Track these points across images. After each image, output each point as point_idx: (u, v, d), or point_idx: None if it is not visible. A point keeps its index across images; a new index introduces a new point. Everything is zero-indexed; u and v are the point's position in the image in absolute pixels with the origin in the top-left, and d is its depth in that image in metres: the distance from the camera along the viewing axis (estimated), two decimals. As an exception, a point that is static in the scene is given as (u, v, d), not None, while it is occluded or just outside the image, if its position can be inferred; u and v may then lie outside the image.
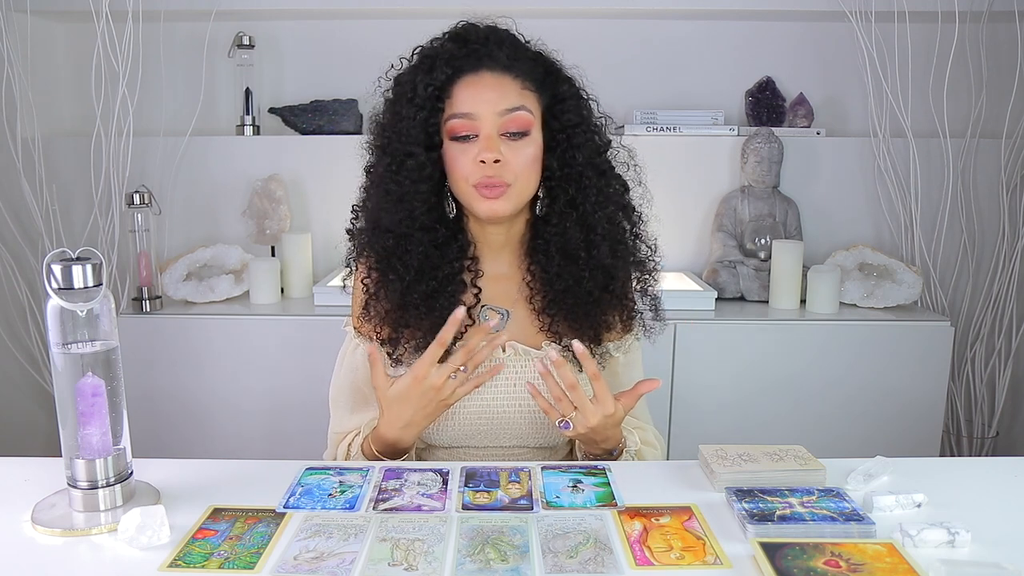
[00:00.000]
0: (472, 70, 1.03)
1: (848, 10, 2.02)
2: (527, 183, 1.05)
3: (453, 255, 1.07)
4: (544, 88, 1.06)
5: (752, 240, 2.05)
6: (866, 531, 0.80)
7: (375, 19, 2.16)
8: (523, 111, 1.02)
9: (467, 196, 1.04)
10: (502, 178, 1.01)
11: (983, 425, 2.18)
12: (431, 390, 1.00)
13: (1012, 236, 2.11)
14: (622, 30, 2.19)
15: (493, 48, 1.03)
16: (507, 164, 1.01)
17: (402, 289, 1.05)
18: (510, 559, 0.75)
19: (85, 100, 2.08)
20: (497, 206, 1.03)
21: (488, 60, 1.02)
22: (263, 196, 2.08)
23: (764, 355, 1.85)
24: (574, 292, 1.07)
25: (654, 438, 1.17)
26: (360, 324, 1.13)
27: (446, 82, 1.02)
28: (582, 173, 1.06)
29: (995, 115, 2.08)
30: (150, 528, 0.78)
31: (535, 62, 1.06)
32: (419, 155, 1.02)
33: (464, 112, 1.01)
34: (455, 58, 1.02)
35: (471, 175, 1.02)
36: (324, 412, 1.20)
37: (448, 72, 1.02)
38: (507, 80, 1.02)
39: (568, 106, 1.06)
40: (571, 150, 1.06)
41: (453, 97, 1.02)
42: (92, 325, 0.82)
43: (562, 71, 1.09)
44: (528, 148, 1.03)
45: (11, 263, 2.10)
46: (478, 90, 1.02)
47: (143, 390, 1.85)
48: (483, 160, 1.00)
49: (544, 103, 1.06)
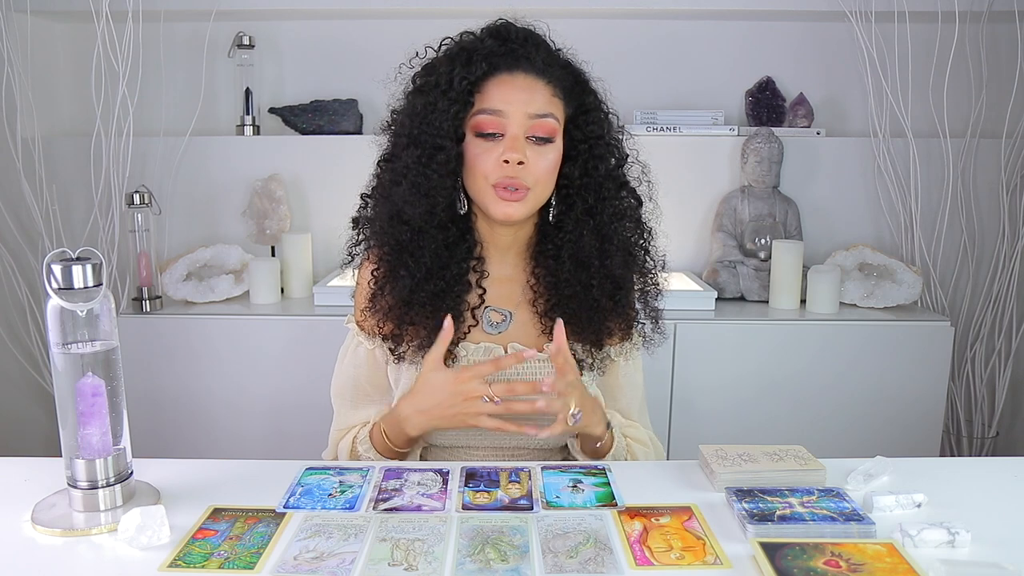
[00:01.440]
0: (508, 69, 1.02)
1: (848, 10, 2.02)
2: (544, 189, 1.05)
3: (461, 255, 1.08)
4: (571, 98, 1.06)
5: (752, 240, 2.05)
6: (866, 531, 0.80)
7: (375, 19, 2.16)
8: (551, 118, 1.02)
9: (483, 195, 1.03)
10: (523, 181, 1.01)
11: (983, 425, 2.18)
12: (461, 395, 0.99)
13: (1012, 236, 2.11)
14: (622, 30, 2.19)
15: (531, 50, 1.03)
16: (529, 168, 1.01)
17: (412, 286, 1.05)
18: (510, 559, 0.75)
19: (85, 100, 2.08)
20: (512, 210, 1.02)
21: (525, 62, 1.02)
22: (263, 196, 2.08)
23: (764, 355, 1.85)
24: (580, 298, 1.07)
25: (648, 438, 1.17)
26: (363, 319, 1.13)
27: (481, 77, 1.02)
28: (602, 184, 1.06)
29: (995, 115, 2.08)
30: (150, 528, 0.78)
31: (566, 71, 1.06)
32: (450, 149, 1.01)
33: (495, 109, 1.01)
34: (493, 55, 1.02)
35: (492, 174, 1.01)
36: (324, 412, 1.20)
37: (485, 68, 1.01)
38: (540, 85, 1.02)
39: (592, 118, 1.06)
40: (593, 160, 1.06)
41: (484, 93, 1.02)
42: (92, 325, 0.82)
43: (589, 82, 1.09)
44: (550, 155, 1.03)
45: (11, 263, 2.10)
46: (511, 90, 1.01)
47: (143, 390, 1.85)
48: (507, 160, 1.00)
49: (569, 113, 1.06)
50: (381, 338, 1.10)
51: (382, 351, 1.12)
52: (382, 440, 1.07)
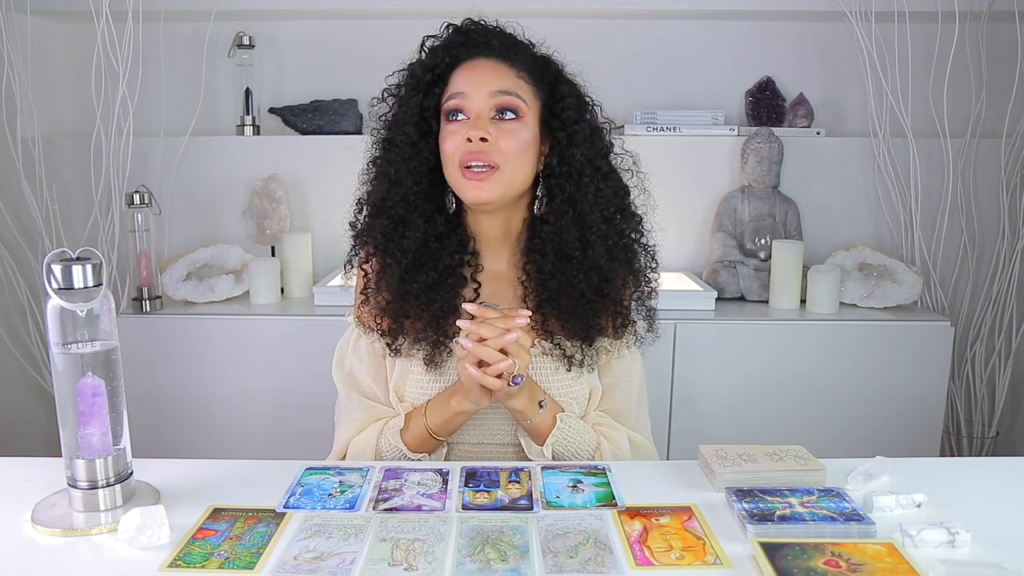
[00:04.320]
0: (469, 57, 1.06)
1: (848, 10, 2.02)
2: (516, 169, 1.05)
3: (453, 247, 1.09)
4: (542, 83, 1.08)
5: (752, 240, 2.05)
6: (866, 531, 0.80)
7: (375, 19, 2.16)
8: (514, 96, 1.04)
9: (456, 181, 1.05)
10: (490, 157, 1.02)
11: (983, 425, 2.18)
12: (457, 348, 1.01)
13: (1012, 236, 2.11)
14: (622, 30, 2.19)
15: (491, 38, 1.07)
16: (495, 145, 1.03)
17: (400, 274, 1.06)
18: (510, 559, 0.75)
19: (85, 100, 2.08)
20: (482, 191, 1.03)
21: (485, 48, 1.06)
22: (263, 196, 2.08)
23: (764, 355, 1.85)
24: (567, 292, 1.07)
25: (625, 438, 1.14)
26: (361, 314, 1.13)
27: (446, 69, 1.06)
28: (581, 172, 1.06)
29: (995, 115, 2.08)
30: (150, 528, 0.78)
31: (534, 58, 1.09)
32: (411, 135, 1.06)
33: (458, 91, 1.05)
34: (454, 46, 1.07)
35: (457, 152, 1.03)
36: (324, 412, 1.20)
37: (447, 60, 1.06)
38: (502, 67, 1.05)
39: (568, 104, 1.07)
40: (570, 148, 1.06)
41: (450, 82, 1.06)
42: (92, 325, 0.82)
43: (563, 72, 1.11)
44: (520, 132, 1.04)
45: (11, 263, 2.10)
46: (473, 72, 1.05)
47: (143, 390, 1.85)
48: (469, 138, 1.02)
49: (542, 98, 1.08)
50: (379, 333, 1.10)
51: (381, 344, 1.12)
52: (421, 428, 1.07)
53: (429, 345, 1.07)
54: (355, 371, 1.15)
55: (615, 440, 1.12)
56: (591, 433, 1.11)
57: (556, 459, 1.08)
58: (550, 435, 1.06)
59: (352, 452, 1.12)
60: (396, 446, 1.08)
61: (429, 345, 1.07)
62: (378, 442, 1.10)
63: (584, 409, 1.14)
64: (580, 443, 1.08)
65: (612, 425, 1.14)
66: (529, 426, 1.07)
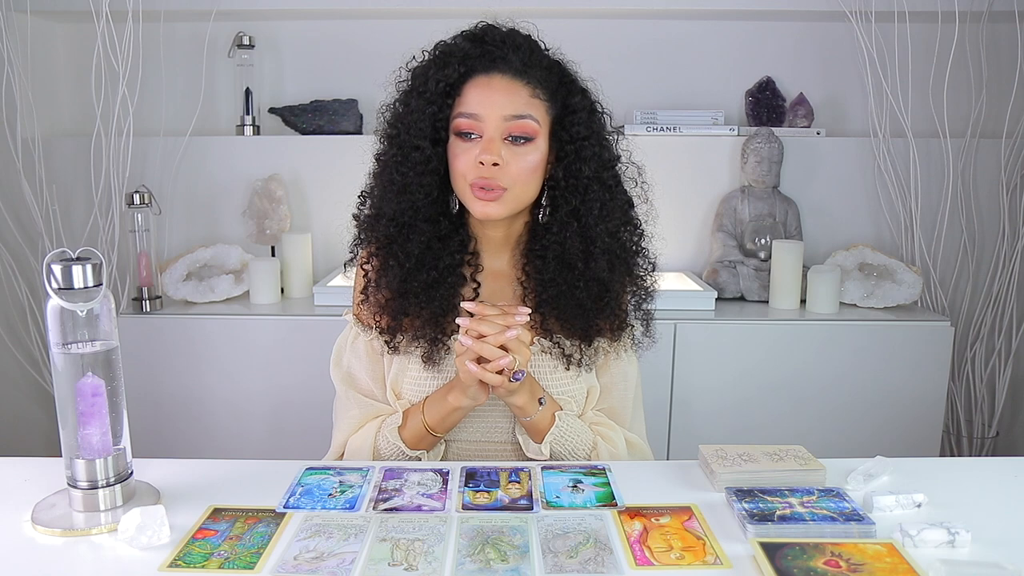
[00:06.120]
0: (484, 71, 1.03)
1: (848, 10, 2.02)
2: (524, 189, 1.05)
3: (454, 247, 1.09)
4: (555, 98, 1.06)
5: (752, 240, 2.05)
6: (866, 531, 0.80)
7: (375, 19, 2.16)
8: (529, 119, 1.02)
9: (464, 194, 1.05)
10: (498, 181, 1.02)
11: (983, 425, 2.18)
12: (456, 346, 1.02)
13: (1012, 236, 2.11)
14: (622, 30, 2.19)
15: (508, 52, 1.03)
16: (506, 168, 1.02)
17: (402, 276, 1.06)
18: (510, 559, 0.75)
19: (85, 100, 2.08)
20: (490, 209, 1.04)
21: (501, 63, 1.03)
22: (263, 196, 2.08)
23: (764, 355, 1.85)
24: (566, 298, 1.08)
25: (622, 438, 1.14)
26: (360, 311, 1.14)
27: (458, 80, 1.03)
28: (587, 186, 1.06)
29: (995, 115, 2.08)
30: (150, 528, 0.78)
31: (550, 71, 1.06)
32: (425, 149, 1.04)
33: (470, 112, 1.02)
34: (469, 57, 1.03)
35: (468, 173, 1.03)
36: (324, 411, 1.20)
37: (461, 71, 1.03)
38: (518, 86, 1.03)
39: (579, 118, 1.06)
40: (578, 162, 1.06)
41: (463, 95, 1.04)
42: (92, 325, 0.82)
43: (576, 82, 1.09)
44: (530, 155, 1.03)
45: (11, 263, 2.10)
46: (487, 92, 1.02)
47: (143, 390, 1.85)
48: (482, 162, 1.01)
49: (554, 113, 1.06)
50: (378, 331, 1.11)
51: (379, 342, 1.12)
52: (419, 424, 1.07)
53: (427, 342, 1.07)
54: (353, 369, 1.15)
55: (612, 440, 1.12)
56: (589, 432, 1.11)
57: (554, 457, 1.08)
58: (548, 433, 1.07)
59: (350, 450, 1.12)
60: (394, 443, 1.08)
61: (427, 342, 1.07)
62: (376, 439, 1.10)
63: (582, 407, 1.14)
64: (578, 442, 1.09)
65: (609, 425, 1.15)
66: (528, 423, 1.07)
